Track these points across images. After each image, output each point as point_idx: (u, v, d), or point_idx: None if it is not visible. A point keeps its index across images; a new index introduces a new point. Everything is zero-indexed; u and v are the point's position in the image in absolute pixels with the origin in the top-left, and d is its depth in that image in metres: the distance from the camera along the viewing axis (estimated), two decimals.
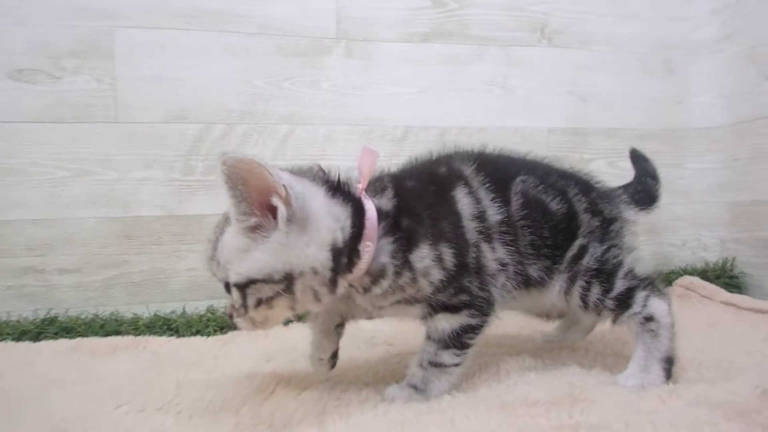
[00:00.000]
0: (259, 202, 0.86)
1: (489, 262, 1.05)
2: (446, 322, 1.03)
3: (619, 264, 1.11)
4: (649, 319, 1.07)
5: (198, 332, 1.55)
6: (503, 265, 1.06)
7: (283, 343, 1.42)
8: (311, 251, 0.89)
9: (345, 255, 0.92)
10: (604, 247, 1.11)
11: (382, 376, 1.17)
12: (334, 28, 1.77)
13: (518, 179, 1.10)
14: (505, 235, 1.05)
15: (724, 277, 1.90)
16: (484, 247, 1.04)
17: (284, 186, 0.84)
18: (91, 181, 1.64)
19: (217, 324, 1.57)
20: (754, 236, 1.88)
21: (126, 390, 1.10)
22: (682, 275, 1.91)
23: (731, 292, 1.84)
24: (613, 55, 1.98)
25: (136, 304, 1.66)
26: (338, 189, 0.96)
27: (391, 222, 0.97)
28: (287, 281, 0.89)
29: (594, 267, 1.09)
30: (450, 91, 1.85)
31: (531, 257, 1.08)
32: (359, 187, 0.98)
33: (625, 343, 1.32)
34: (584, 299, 1.09)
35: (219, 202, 1.66)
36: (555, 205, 1.10)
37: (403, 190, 1.02)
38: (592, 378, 1.10)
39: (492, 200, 1.06)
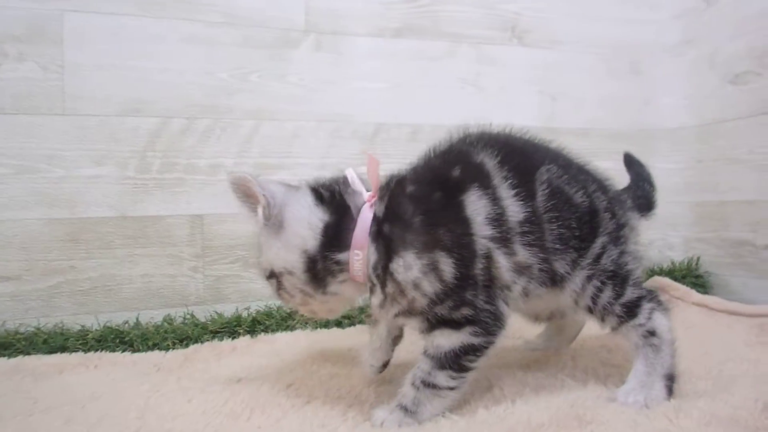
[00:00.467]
0: None
1: (503, 273, 0.97)
2: (444, 339, 0.95)
3: (631, 271, 1.06)
4: (652, 333, 1.03)
5: (155, 345, 1.41)
6: (525, 267, 0.99)
7: (252, 359, 1.31)
8: (282, 253, 0.99)
9: (320, 261, 0.97)
10: (619, 250, 1.06)
11: (366, 397, 1.08)
12: (302, 20, 1.66)
13: (544, 168, 1.02)
14: (528, 235, 0.98)
15: (690, 276, 1.92)
16: (499, 255, 0.96)
17: (263, 195, 0.98)
18: (34, 179, 1.47)
19: (176, 336, 1.44)
20: (719, 236, 1.90)
21: (79, 422, 0.97)
22: (650, 275, 1.91)
23: (699, 290, 1.85)
24: (581, 56, 1.96)
25: (83, 314, 1.51)
26: (332, 197, 1.01)
27: (375, 230, 0.96)
28: (276, 277, 1.02)
29: (610, 269, 1.04)
30: (422, 88, 1.78)
31: (558, 252, 1.00)
32: (368, 196, 1.00)
33: (611, 350, 1.29)
34: (595, 300, 1.04)
35: (177, 202, 1.56)
36: (579, 197, 1.03)
37: (398, 196, 0.98)
38: (590, 393, 1.05)
39: (515, 196, 0.98)
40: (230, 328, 1.49)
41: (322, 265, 0.97)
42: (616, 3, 2.01)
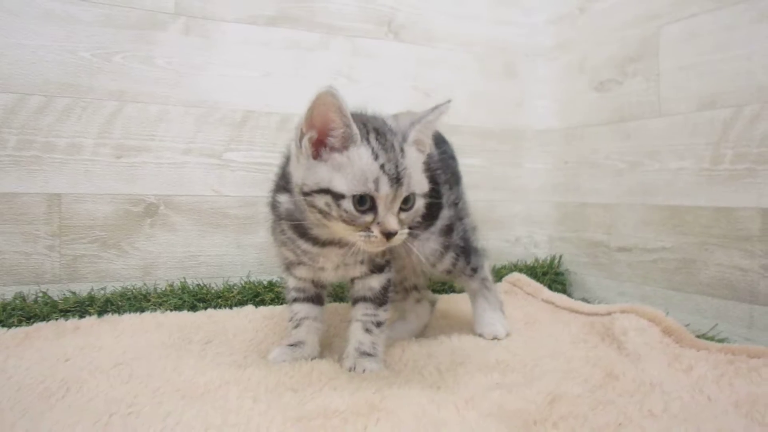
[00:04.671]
0: None
1: None
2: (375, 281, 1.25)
3: (474, 242, 1.46)
4: (484, 279, 1.47)
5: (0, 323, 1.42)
6: None
7: (90, 339, 1.33)
8: None
9: None
10: (463, 226, 1.42)
11: (188, 377, 1.12)
12: (172, 3, 1.66)
13: None
14: None
15: (551, 273, 2.01)
16: None
17: None
18: None
19: (23, 313, 1.44)
20: (579, 236, 2.00)
21: None
22: (513, 271, 2.00)
23: (556, 288, 1.96)
24: (456, 54, 2.02)
25: None
26: None
27: None
28: None
29: (461, 245, 1.40)
30: (294, 78, 1.80)
31: None
32: None
33: (442, 343, 1.37)
34: (453, 266, 1.40)
35: (33, 180, 1.55)
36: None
37: None
38: (401, 379, 1.14)
39: None
40: (81, 307, 1.50)
41: None
42: (491, 5, 2.07)
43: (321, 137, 1.05)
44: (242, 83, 1.73)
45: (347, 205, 1.02)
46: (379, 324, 1.23)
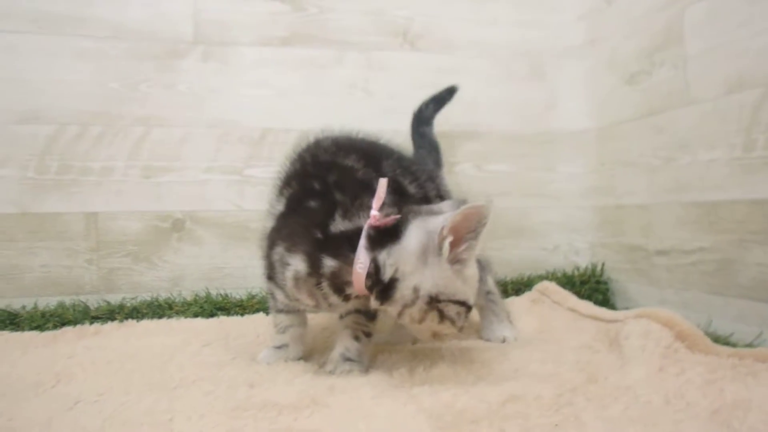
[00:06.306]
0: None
1: None
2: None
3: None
4: (489, 292, 1.47)
5: (37, 327, 1.58)
6: None
7: (104, 340, 1.44)
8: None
9: None
10: None
11: (177, 379, 1.17)
12: (191, 32, 1.80)
13: (384, 162, 1.25)
14: None
15: (592, 282, 1.91)
16: None
17: None
18: None
19: (59, 320, 1.60)
20: (618, 241, 1.89)
21: None
22: (551, 279, 1.91)
23: (597, 298, 1.85)
24: (477, 60, 2.00)
25: None
26: None
27: None
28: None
29: None
30: (310, 94, 1.88)
31: None
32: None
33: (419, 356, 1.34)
34: None
35: (73, 200, 1.72)
36: (412, 187, 1.26)
37: None
38: (363, 379, 1.14)
39: None
40: (111, 315, 1.63)
41: None
42: (513, 6, 2.03)
43: (453, 243, 1.03)
44: (260, 102, 1.84)
45: (469, 314, 1.10)
46: (368, 334, 1.24)
